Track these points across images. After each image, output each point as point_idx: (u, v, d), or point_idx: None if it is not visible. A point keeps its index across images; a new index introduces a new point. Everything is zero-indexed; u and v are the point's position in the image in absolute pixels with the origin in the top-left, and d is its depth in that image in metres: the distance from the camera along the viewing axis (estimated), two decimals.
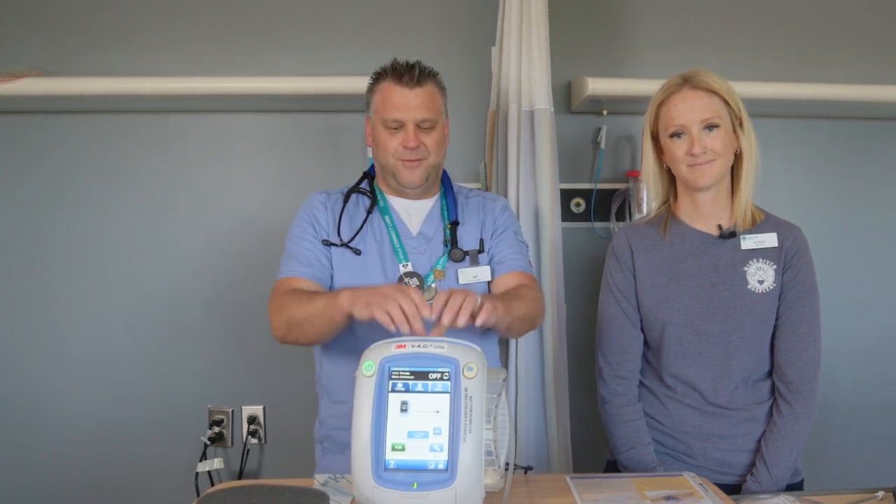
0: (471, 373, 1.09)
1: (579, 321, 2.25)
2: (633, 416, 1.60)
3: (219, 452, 2.33)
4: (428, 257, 1.60)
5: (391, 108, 1.55)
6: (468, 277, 1.60)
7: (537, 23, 2.03)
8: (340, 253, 1.59)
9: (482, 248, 1.64)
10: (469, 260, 1.61)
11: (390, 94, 1.56)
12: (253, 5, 2.29)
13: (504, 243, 1.65)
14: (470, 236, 1.65)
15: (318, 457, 1.66)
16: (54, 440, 2.28)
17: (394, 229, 1.61)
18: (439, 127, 1.61)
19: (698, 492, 1.27)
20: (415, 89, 1.56)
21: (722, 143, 1.52)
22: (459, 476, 1.05)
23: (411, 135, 1.55)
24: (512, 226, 1.69)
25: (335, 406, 1.61)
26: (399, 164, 1.58)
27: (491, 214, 1.68)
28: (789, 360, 1.54)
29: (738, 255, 1.57)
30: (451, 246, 1.61)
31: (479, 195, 1.73)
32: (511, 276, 1.61)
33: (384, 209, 1.64)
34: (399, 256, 1.58)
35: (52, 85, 2.08)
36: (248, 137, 2.32)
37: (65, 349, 2.28)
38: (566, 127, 2.31)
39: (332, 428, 1.62)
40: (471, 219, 1.67)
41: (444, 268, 1.59)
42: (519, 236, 1.69)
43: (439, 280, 1.58)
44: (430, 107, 1.58)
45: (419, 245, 1.61)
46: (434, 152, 1.59)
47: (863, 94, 2.27)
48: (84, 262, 2.28)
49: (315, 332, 1.46)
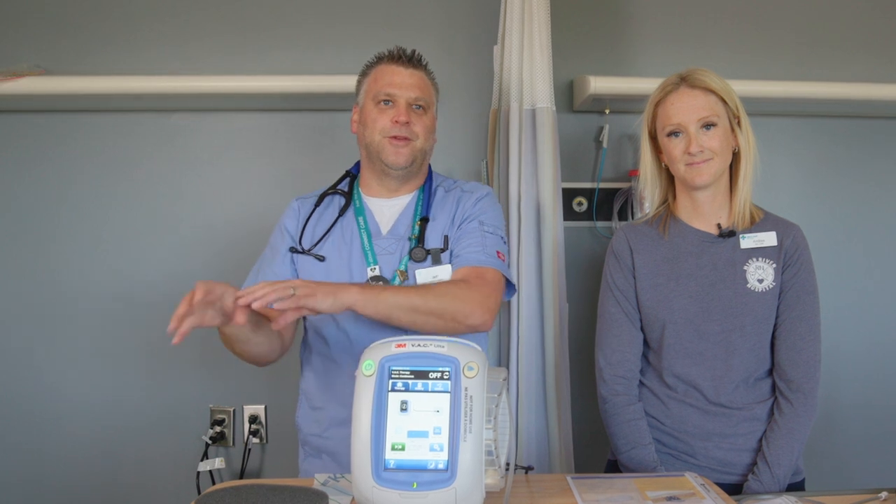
0: (471, 372, 1.08)
1: (581, 320, 2.24)
2: (634, 416, 1.60)
3: (220, 452, 2.33)
4: (397, 257, 1.55)
5: (385, 84, 1.56)
6: (426, 278, 1.51)
7: (539, 21, 2.03)
8: (304, 260, 1.58)
9: (446, 246, 1.56)
10: (431, 259, 1.53)
11: (385, 72, 1.58)
12: (252, 4, 2.29)
13: (465, 236, 1.55)
14: (438, 233, 1.57)
15: (301, 460, 1.65)
16: (56, 439, 2.29)
17: (366, 231, 1.58)
18: (430, 113, 1.60)
19: (700, 492, 1.27)
20: (409, 69, 1.57)
21: (719, 142, 1.52)
22: (459, 476, 1.04)
23: (402, 109, 1.54)
24: (480, 215, 1.57)
25: (312, 412, 1.60)
26: (385, 142, 1.55)
27: (461, 207, 1.59)
28: (790, 358, 1.54)
29: (737, 254, 1.57)
30: (415, 244, 1.54)
31: (458, 187, 1.66)
32: (458, 272, 1.50)
33: (359, 210, 1.61)
34: (368, 259, 1.54)
35: (52, 84, 2.08)
36: (249, 136, 2.32)
37: (67, 348, 2.28)
38: (568, 126, 2.31)
39: (308, 434, 1.61)
40: (443, 213, 1.60)
41: (405, 268, 1.53)
42: (486, 227, 1.56)
43: (404, 281, 1.52)
44: (423, 89, 1.58)
45: (388, 245, 1.57)
46: (423, 136, 1.57)
47: (865, 93, 2.26)
48: (86, 260, 2.29)
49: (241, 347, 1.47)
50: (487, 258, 1.52)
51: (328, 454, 1.57)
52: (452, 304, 1.40)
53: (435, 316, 1.39)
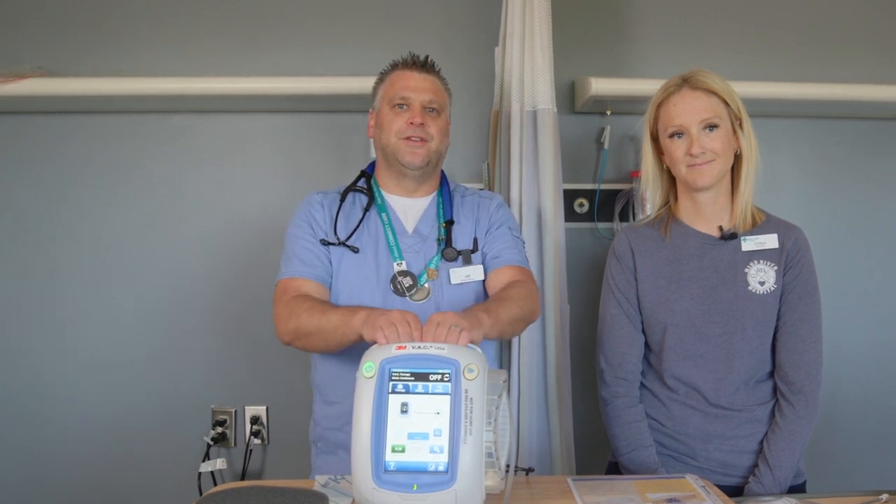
0: (471, 374, 1.09)
1: (582, 322, 2.24)
2: (635, 418, 1.60)
3: (222, 453, 2.33)
4: (423, 256, 1.60)
5: (400, 88, 1.61)
6: (460, 277, 1.60)
7: (540, 22, 2.03)
8: (338, 251, 1.59)
9: (475, 248, 1.64)
10: (462, 259, 1.61)
11: (400, 77, 1.63)
12: (255, 6, 2.29)
13: (499, 239, 1.65)
14: (464, 235, 1.65)
15: (313, 457, 1.67)
16: (58, 440, 2.29)
17: (390, 227, 1.62)
18: (444, 116, 1.65)
19: (700, 494, 1.27)
20: (423, 74, 1.64)
21: (721, 144, 1.52)
22: (460, 478, 1.05)
23: (417, 111, 1.59)
24: (507, 222, 1.68)
25: (328, 407, 1.61)
26: (401, 144, 1.60)
27: (486, 212, 1.68)
28: (791, 360, 1.54)
29: (738, 256, 1.57)
30: (444, 245, 1.61)
31: (476, 193, 1.73)
32: (505, 270, 1.61)
33: (381, 207, 1.65)
34: (394, 255, 1.58)
35: (55, 85, 2.09)
36: (253, 137, 2.32)
37: (69, 349, 2.29)
38: (570, 127, 2.31)
39: (325, 428, 1.62)
40: (466, 217, 1.67)
41: (437, 267, 1.59)
42: (514, 232, 1.68)
43: (432, 280, 1.58)
44: (437, 93, 1.64)
45: (414, 243, 1.61)
46: (437, 137, 1.62)
47: (867, 94, 2.26)
48: (88, 262, 2.29)
49: (325, 345, 1.47)
50: (523, 259, 1.66)
51: (345, 450, 1.57)
52: (530, 306, 1.54)
53: (525, 322, 1.54)
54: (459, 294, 1.58)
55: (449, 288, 1.58)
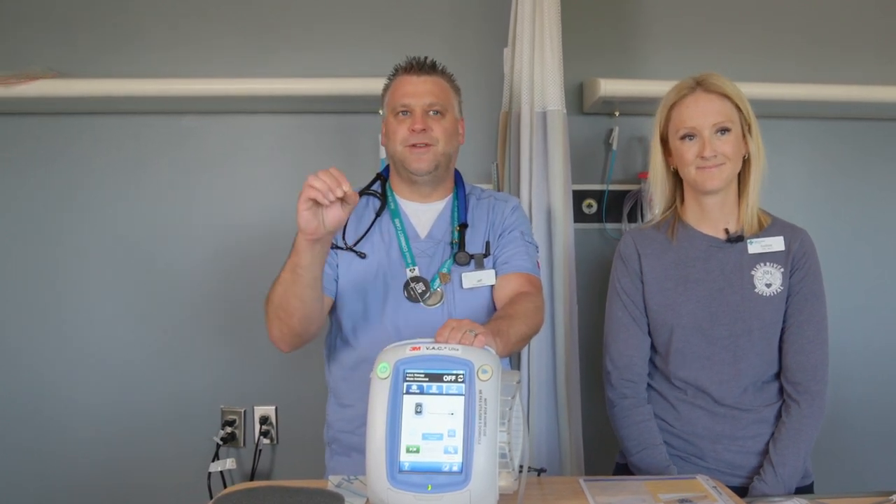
0: (485, 375, 1.09)
1: (591, 322, 2.24)
2: (643, 417, 1.60)
3: (231, 453, 2.34)
4: (436, 260, 1.60)
5: (401, 95, 1.60)
6: (472, 282, 1.58)
7: (550, 24, 2.03)
8: (345, 256, 1.59)
9: (488, 252, 1.62)
10: (474, 263, 1.60)
11: (400, 83, 1.62)
12: (261, 7, 2.30)
13: (510, 244, 1.63)
14: (477, 239, 1.63)
15: (327, 458, 1.68)
16: (66, 441, 2.30)
17: (403, 232, 1.61)
18: (449, 116, 1.62)
19: (712, 495, 1.27)
20: (423, 77, 1.61)
21: (732, 148, 1.52)
22: (474, 478, 1.05)
23: (418, 118, 1.57)
24: (520, 226, 1.66)
25: (342, 409, 1.62)
26: (406, 151, 1.58)
27: (500, 215, 1.66)
28: (798, 362, 1.54)
29: (745, 258, 1.57)
30: (457, 249, 1.60)
31: (491, 196, 1.71)
32: (512, 278, 1.58)
33: (395, 212, 1.64)
34: (406, 260, 1.58)
35: (65, 86, 2.10)
36: (261, 138, 2.33)
37: (77, 350, 2.30)
38: (578, 128, 2.31)
39: (339, 431, 1.62)
40: (480, 220, 1.65)
41: (449, 271, 1.58)
42: (527, 237, 1.66)
43: (445, 284, 1.57)
44: (438, 94, 1.61)
45: (427, 248, 1.61)
46: (443, 140, 1.59)
47: (874, 95, 2.26)
48: (97, 262, 2.30)
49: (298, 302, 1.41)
50: (533, 267, 1.63)
51: (359, 452, 1.57)
52: (536, 321, 1.51)
53: (530, 338, 1.52)
54: (472, 298, 1.58)
55: (461, 292, 1.58)
